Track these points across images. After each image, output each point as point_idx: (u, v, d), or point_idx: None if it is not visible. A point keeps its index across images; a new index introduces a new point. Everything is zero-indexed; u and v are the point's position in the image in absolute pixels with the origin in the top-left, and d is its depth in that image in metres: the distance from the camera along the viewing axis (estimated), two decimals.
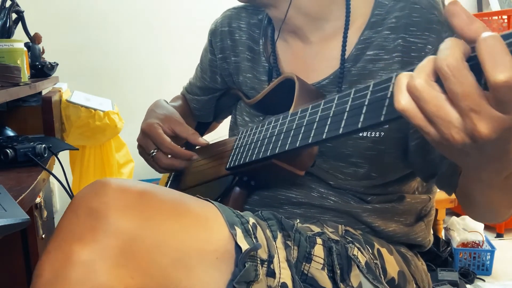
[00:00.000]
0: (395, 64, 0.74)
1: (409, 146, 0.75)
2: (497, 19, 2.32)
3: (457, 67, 0.40)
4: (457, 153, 0.46)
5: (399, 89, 0.44)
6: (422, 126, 0.44)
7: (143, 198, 0.58)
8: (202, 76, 1.03)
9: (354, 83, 0.77)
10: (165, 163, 0.85)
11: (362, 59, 0.77)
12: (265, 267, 0.62)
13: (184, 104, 1.09)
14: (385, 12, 0.76)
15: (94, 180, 0.59)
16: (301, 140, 0.65)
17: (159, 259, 0.55)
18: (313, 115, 0.65)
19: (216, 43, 0.96)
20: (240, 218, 0.65)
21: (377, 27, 0.77)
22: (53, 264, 0.52)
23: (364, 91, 0.55)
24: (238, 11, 0.95)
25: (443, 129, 0.42)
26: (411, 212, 0.82)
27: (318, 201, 0.79)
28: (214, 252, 0.59)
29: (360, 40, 0.77)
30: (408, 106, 0.44)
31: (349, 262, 0.69)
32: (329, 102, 0.62)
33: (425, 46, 0.72)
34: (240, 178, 0.82)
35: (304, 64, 0.84)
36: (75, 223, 0.54)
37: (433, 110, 0.42)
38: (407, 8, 0.74)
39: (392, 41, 0.74)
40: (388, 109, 0.50)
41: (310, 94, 0.77)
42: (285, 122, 0.71)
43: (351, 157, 0.76)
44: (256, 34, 0.92)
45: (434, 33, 0.71)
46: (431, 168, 0.74)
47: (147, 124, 0.87)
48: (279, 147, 0.70)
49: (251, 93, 0.90)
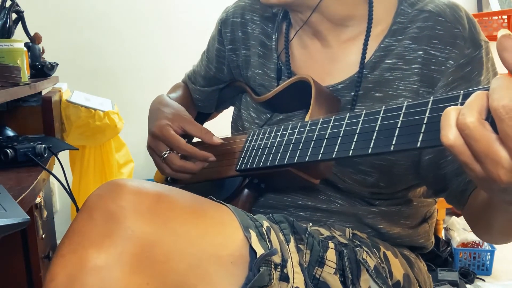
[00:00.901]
0: (413, 75, 0.72)
1: (421, 160, 0.74)
2: (497, 19, 2.32)
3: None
4: (498, 189, 0.45)
5: (447, 124, 0.44)
6: (468, 163, 0.44)
7: (160, 202, 0.57)
8: (207, 65, 1.00)
9: (369, 90, 0.76)
10: (178, 165, 0.81)
11: (380, 67, 0.75)
12: (279, 271, 0.62)
13: (186, 94, 1.05)
14: (408, 21, 0.75)
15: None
16: (323, 154, 0.63)
17: (175, 265, 0.54)
18: (337, 129, 0.63)
19: (226, 33, 0.93)
20: (254, 221, 0.64)
21: (398, 35, 0.75)
22: (68, 268, 0.50)
23: (395, 112, 0.54)
24: (252, 3, 0.91)
25: (491, 169, 0.42)
26: (416, 215, 0.82)
27: (325, 204, 0.78)
28: (229, 257, 0.58)
29: (380, 48, 0.76)
30: (457, 143, 0.43)
31: (359, 266, 0.68)
32: (355, 117, 0.61)
33: (447, 61, 0.70)
34: (251, 181, 0.80)
35: (319, 66, 0.82)
36: (91, 226, 0.53)
37: (483, 150, 0.42)
38: (431, 19, 0.72)
39: (412, 51, 0.73)
40: (426, 136, 0.50)
41: (326, 99, 0.75)
42: (304, 130, 0.69)
43: (361, 164, 0.75)
44: (269, 29, 0.89)
45: (457, 48, 0.70)
46: (442, 183, 0.73)
47: (158, 126, 0.82)
48: (298, 157, 0.68)
49: (259, 89, 0.88)
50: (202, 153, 0.80)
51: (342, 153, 0.60)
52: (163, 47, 2.30)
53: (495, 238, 0.70)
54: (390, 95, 0.74)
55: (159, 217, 0.55)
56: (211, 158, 0.81)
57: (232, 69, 0.95)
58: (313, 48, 0.84)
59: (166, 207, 0.57)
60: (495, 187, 0.45)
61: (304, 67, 0.84)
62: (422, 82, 0.72)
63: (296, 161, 0.68)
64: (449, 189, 0.72)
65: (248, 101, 0.91)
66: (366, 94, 0.76)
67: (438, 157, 0.71)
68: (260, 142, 0.78)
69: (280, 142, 0.73)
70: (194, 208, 0.60)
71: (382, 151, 0.54)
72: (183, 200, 0.60)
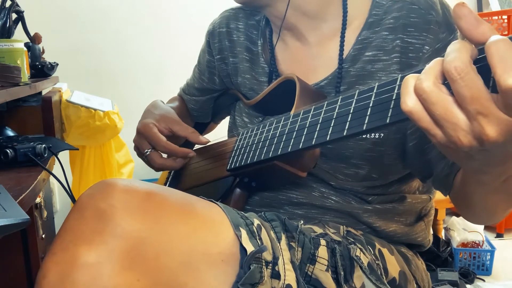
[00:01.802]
0: (393, 65, 0.74)
1: (407, 147, 0.75)
2: (497, 19, 2.32)
3: (465, 70, 0.40)
4: (462, 155, 0.46)
5: (406, 91, 0.44)
6: (428, 129, 0.44)
7: (150, 200, 0.57)
8: (200, 77, 1.03)
9: (353, 84, 0.77)
10: (158, 163, 0.86)
11: (360, 60, 0.76)
12: (270, 268, 0.62)
13: (182, 104, 1.08)
14: (383, 12, 0.76)
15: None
16: (304, 142, 0.65)
17: (166, 262, 0.54)
18: (316, 117, 0.64)
19: (214, 44, 0.96)
20: (245, 219, 0.65)
21: (375, 27, 0.76)
22: (59, 265, 0.51)
23: (368, 93, 0.55)
24: (236, 12, 0.95)
25: (450, 132, 0.42)
26: (411, 212, 0.82)
27: (319, 201, 0.79)
28: (219, 254, 0.59)
29: (357, 40, 0.77)
30: (415, 108, 0.43)
31: (352, 263, 0.69)
32: (332, 103, 0.62)
33: (423, 46, 0.71)
34: (241, 180, 0.81)
35: (302, 65, 0.84)
36: (82, 225, 0.54)
37: (440, 112, 0.42)
38: (405, 8, 0.73)
39: (390, 41, 0.74)
40: (394, 111, 0.50)
41: (311, 95, 0.76)
42: (287, 123, 0.71)
43: (352, 158, 0.76)
44: (254, 35, 0.91)
45: (431, 33, 0.71)
46: (428, 168, 0.74)
47: (142, 124, 0.87)
48: (281, 149, 0.69)
49: (250, 94, 0.90)
50: (182, 150, 0.84)
51: (321, 139, 0.61)
52: (163, 47, 2.30)
53: (480, 217, 0.70)
54: None
55: (149, 215, 0.56)
56: (191, 154, 0.85)
57: (223, 78, 0.98)
58: (294, 48, 0.85)
59: (156, 205, 0.57)
60: (459, 153, 0.45)
61: (290, 68, 0.86)
62: (402, 70, 0.73)
63: (280, 153, 0.69)
64: (434, 173, 0.73)
65: (241, 107, 0.93)
66: (350, 87, 0.77)
67: (422, 143, 0.72)
68: (248, 140, 0.80)
69: (266, 137, 0.74)
70: (185, 206, 0.60)
71: (356, 131, 0.55)
72: (173, 198, 0.61)
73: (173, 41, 2.30)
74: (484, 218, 0.71)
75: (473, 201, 0.63)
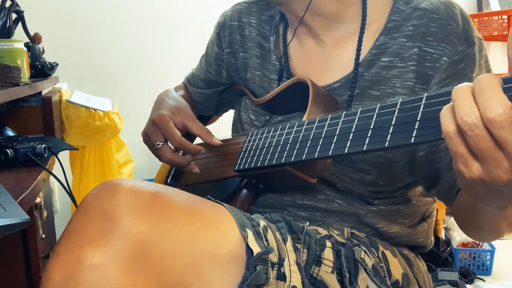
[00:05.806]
0: (409, 73, 0.73)
1: (416, 156, 0.74)
2: (497, 19, 2.32)
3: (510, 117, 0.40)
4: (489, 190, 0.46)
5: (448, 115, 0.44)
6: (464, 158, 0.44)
7: (156, 201, 0.57)
8: (207, 68, 1.01)
9: (366, 89, 0.76)
10: (168, 157, 0.83)
11: (376, 65, 0.75)
12: (276, 270, 0.62)
13: (188, 94, 1.06)
14: (402, 18, 0.75)
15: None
16: (320, 152, 0.64)
17: (171, 264, 0.54)
18: (333, 127, 0.63)
19: (225, 37, 0.94)
20: (251, 221, 0.65)
21: (393, 33, 0.75)
22: (64, 267, 0.51)
23: (390, 108, 0.55)
24: (248, 6, 0.93)
25: (492, 168, 0.42)
26: (415, 214, 0.82)
27: (324, 203, 0.78)
28: (225, 256, 0.58)
29: (375, 45, 0.76)
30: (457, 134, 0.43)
31: (356, 265, 0.68)
32: (351, 115, 0.61)
33: (441, 57, 0.71)
34: (249, 181, 0.81)
35: (315, 64, 0.82)
36: (87, 226, 0.53)
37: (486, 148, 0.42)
38: (426, 17, 0.72)
39: (408, 49, 0.73)
40: (419, 132, 0.50)
41: (323, 99, 0.75)
42: (301, 130, 0.70)
43: (359, 163, 0.75)
44: (266, 31, 0.89)
45: (450, 45, 0.70)
46: (434, 178, 0.74)
47: (159, 115, 0.84)
48: (295, 156, 0.68)
49: (258, 91, 0.89)
50: (195, 147, 0.82)
51: (338, 151, 0.61)
52: (163, 47, 2.30)
53: (486, 238, 0.71)
54: (387, 93, 0.74)
55: (155, 216, 0.55)
56: (203, 151, 0.82)
57: (231, 72, 0.96)
58: (308, 47, 0.84)
59: (162, 206, 0.57)
60: (488, 187, 0.45)
61: (301, 67, 0.84)
62: (418, 79, 0.73)
63: (293, 160, 0.68)
64: (439, 184, 0.73)
65: (248, 103, 0.91)
66: (363, 92, 0.76)
67: (432, 153, 0.72)
68: (258, 143, 0.78)
69: (278, 142, 0.73)
70: (190, 207, 0.60)
71: (377, 147, 0.55)
72: (179, 199, 0.60)
73: (173, 41, 2.30)
74: (490, 238, 0.71)
75: (483, 227, 0.64)
